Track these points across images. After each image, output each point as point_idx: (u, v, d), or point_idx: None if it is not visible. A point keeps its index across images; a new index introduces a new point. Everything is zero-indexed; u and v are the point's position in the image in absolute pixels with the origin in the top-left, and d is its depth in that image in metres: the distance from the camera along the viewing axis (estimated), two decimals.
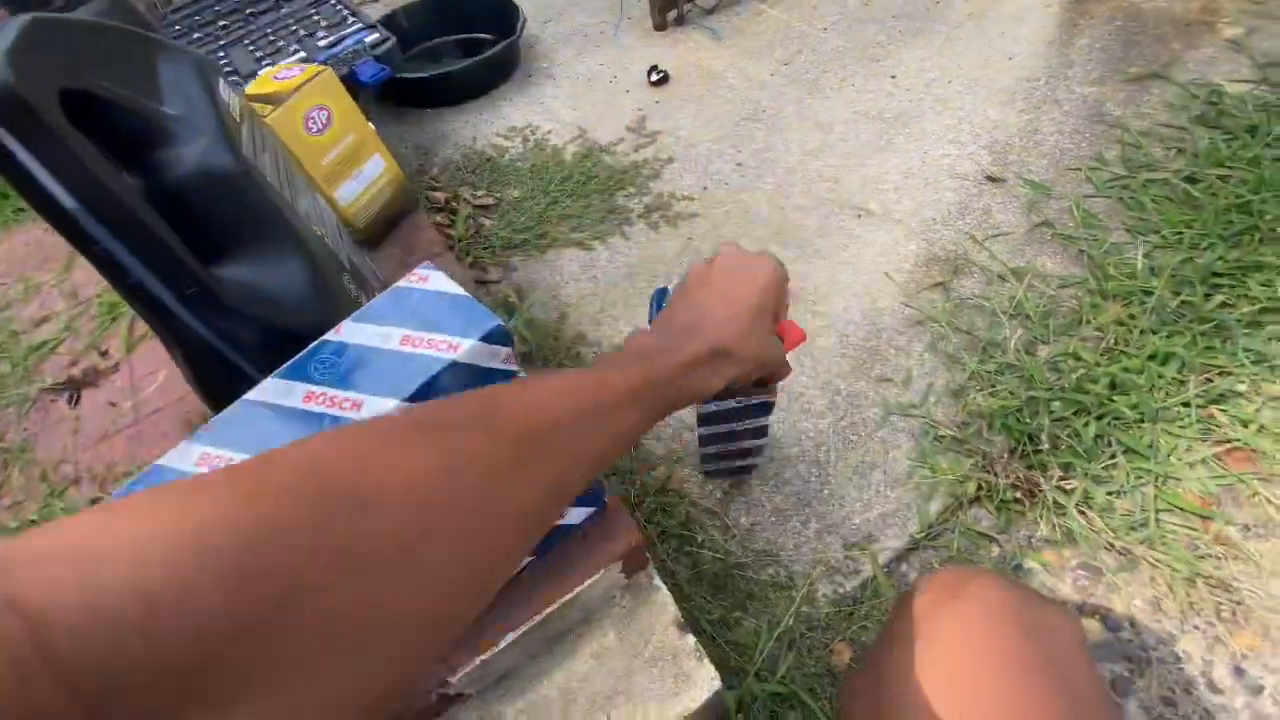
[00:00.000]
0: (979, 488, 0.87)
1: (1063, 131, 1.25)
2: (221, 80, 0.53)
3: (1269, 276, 0.99)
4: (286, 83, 0.72)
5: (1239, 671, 0.74)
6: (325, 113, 0.76)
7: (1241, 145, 1.13)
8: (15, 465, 1.16)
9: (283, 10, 1.30)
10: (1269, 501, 0.83)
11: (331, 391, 0.44)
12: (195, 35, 1.32)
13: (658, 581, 0.58)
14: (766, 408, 0.67)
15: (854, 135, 1.33)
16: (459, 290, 0.51)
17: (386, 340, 0.47)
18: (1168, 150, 1.18)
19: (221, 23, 1.33)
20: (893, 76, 1.42)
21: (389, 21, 1.64)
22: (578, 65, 1.64)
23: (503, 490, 0.23)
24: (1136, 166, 1.16)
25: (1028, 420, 0.90)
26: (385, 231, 1.00)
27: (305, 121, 0.74)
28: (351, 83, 1.09)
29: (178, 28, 1.37)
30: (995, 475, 0.87)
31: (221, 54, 1.22)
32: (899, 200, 1.20)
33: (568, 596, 0.53)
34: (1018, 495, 0.86)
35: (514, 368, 0.53)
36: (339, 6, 1.27)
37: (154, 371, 1.25)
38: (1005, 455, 0.88)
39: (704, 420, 0.70)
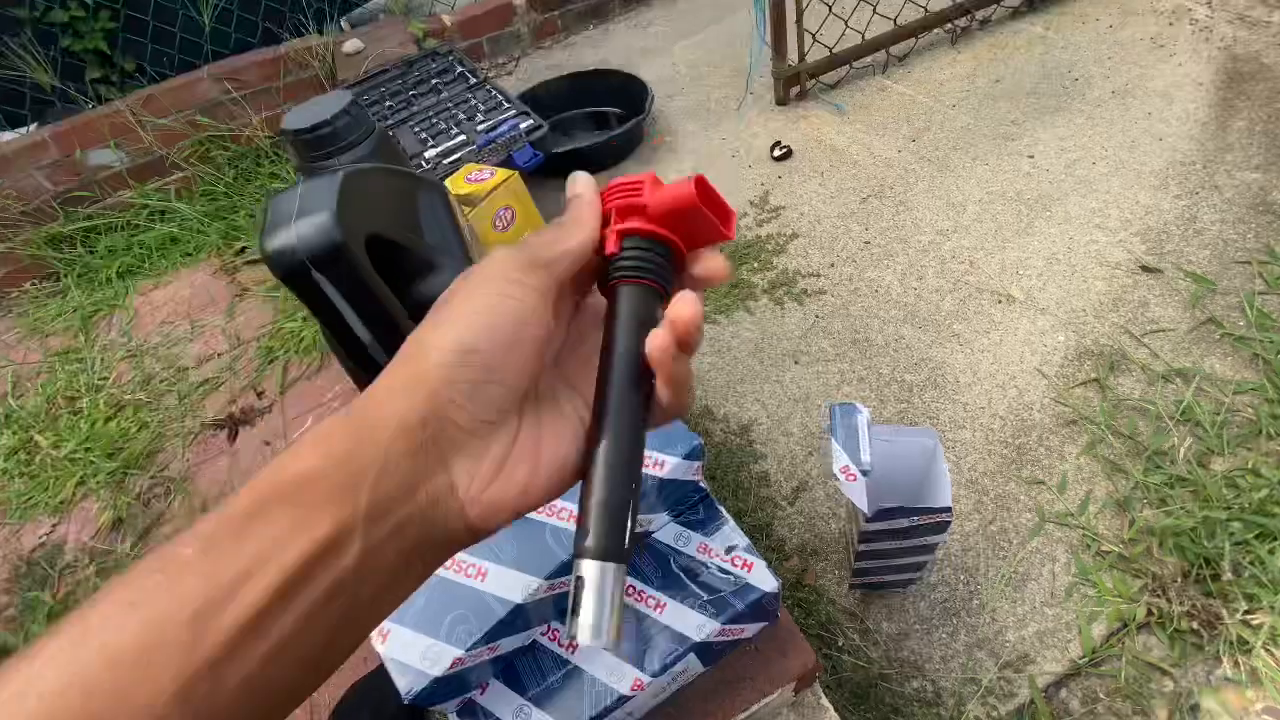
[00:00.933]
0: (1149, 613, 0.81)
1: (1225, 220, 1.18)
2: (456, 204, 0.59)
3: None
4: (480, 185, 0.80)
5: None
6: (510, 212, 0.83)
7: None
8: (178, 494, 1.28)
9: (443, 94, 1.43)
10: None
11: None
12: None
13: (825, 701, 0.57)
14: (941, 528, 0.66)
15: (990, 216, 1.30)
16: None
17: None
18: None
19: (388, 103, 1.47)
20: (1030, 156, 1.39)
21: (529, 97, 1.76)
22: (700, 139, 1.70)
23: None
24: None
25: (1204, 542, 0.83)
26: None
27: (494, 220, 0.81)
28: (510, 167, 1.17)
29: None
30: (1168, 600, 0.80)
31: (390, 135, 1.35)
32: (1043, 287, 1.16)
33: (743, 716, 0.53)
34: (1194, 625, 0.79)
35: (700, 480, 0.55)
36: (493, 92, 1.38)
37: (303, 415, 1.36)
38: (1179, 579, 0.82)
39: (865, 538, 0.69)
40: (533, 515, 0.47)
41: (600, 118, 1.80)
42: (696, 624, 0.48)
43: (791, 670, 0.52)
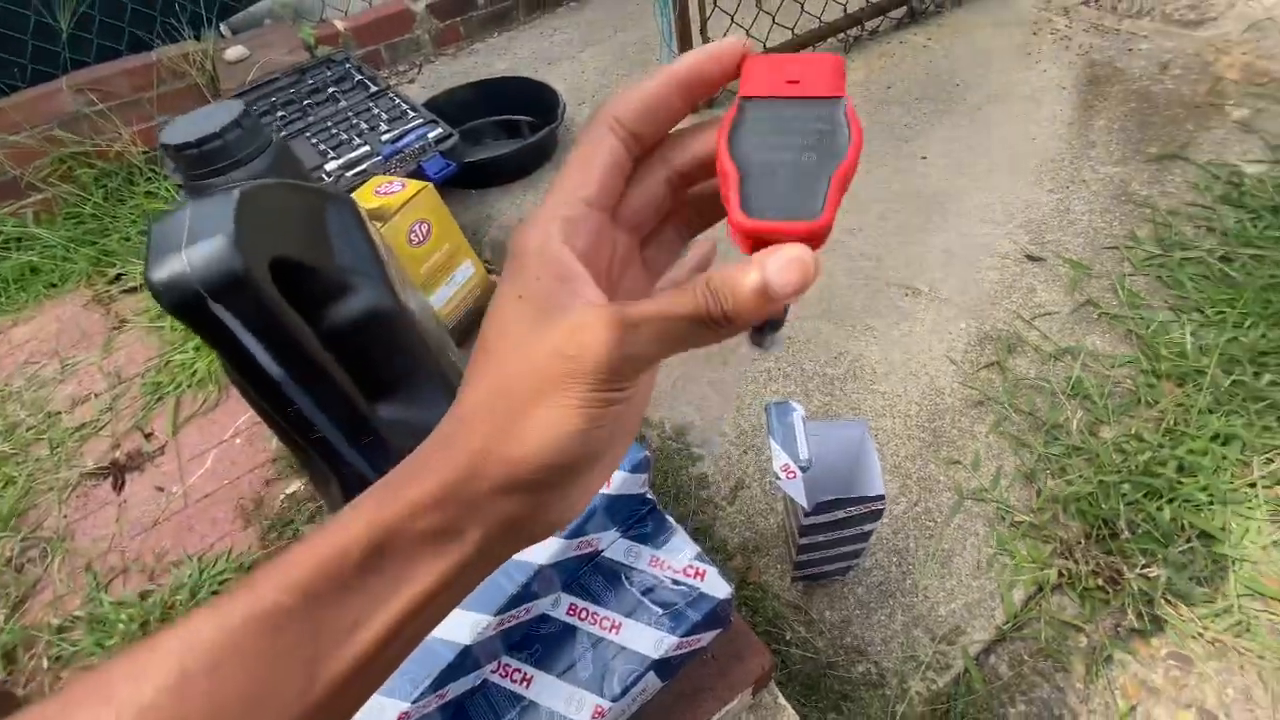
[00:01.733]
0: (1060, 575, 0.87)
1: (1094, 210, 1.31)
2: (368, 219, 0.55)
3: None
4: (390, 199, 0.75)
5: None
6: (425, 226, 0.79)
7: (1268, 226, 1.19)
8: (56, 556, 1.13)
9: (341, 103, 1.35)
10: None
11: None
12: None
13: (782, 700, 0.57)
14: (875, 515, 0.68)
15: (892, 214, 1.38)
16: None
17: None
18: (1197, 229, 1.23)
19: (280, 113, 1.37)
20: (923, 157, 1.49)
21: (433, 105, 1.70)
22: None
23: None
24: (1170, 245, 1.21)
25: (1101, 505, 0.91)
26: (469, 329, 1.02)
27: (409, 235, 0.77)
28: (419, 178, 1.12)
29: None
30: (1075, 562, 0.87)
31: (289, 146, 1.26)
32: (944, 279, 1.24)
33: None
34: (1100, 583, 0.86)
35: (648, 491, 0.54)
36: (396, 100, 1.33)
37: (202, 454, 1.24)
38: (1083, 541, 0.89)
39: (805, 532, 0.71)
40: None
41: (511, 126, 1.76)
42: (654, 641, 0.47)
43: (750, 674, 0.52)
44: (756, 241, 0.17)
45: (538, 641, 0.47)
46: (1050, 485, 0.94)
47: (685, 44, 1.62)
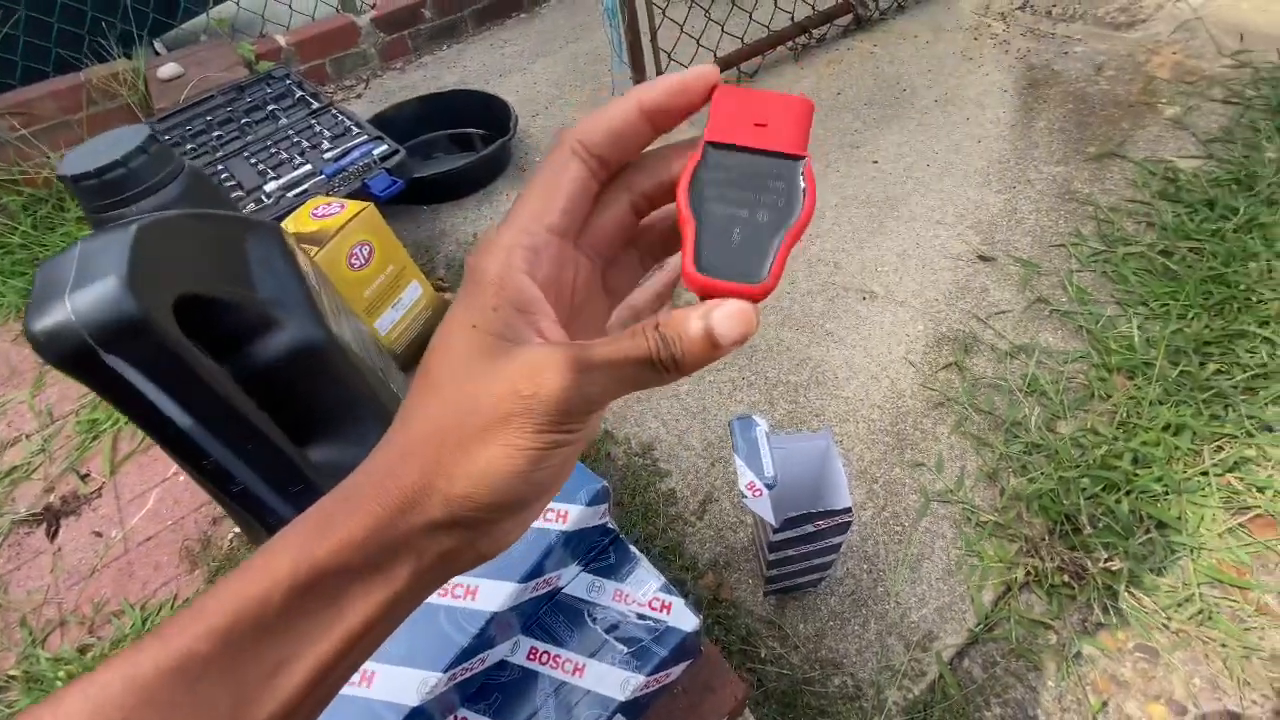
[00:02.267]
0: (1027, 573, 0.88)
1: (1040, 210, 1.34)
2: (296, 246, 0.52)
3: (1253, 344, 1.06)
4: (329, 221, 0.72)
5: None
6: (367, 248, 0.75)
7: (1204, 219, 1.23)
8: None
9: (281, 121, 1.30)
10: None
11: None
12: (188, 146, 1.31)
13: None
14: (843, 528, 0.67)
15: (846, 219, 1.39)
16: None
17: None
18: (1138, 224, 1.27)
19: (216, 133, 1.32)
20: (874, 161, 1.51)
21: (380, 120, 1.66)
22: None
23: None
24: (1113, 241, 1.24)
25: (1063, 501, 0.92)
26: (418, 353, 0.98)
27: (349, 258, 0.73)
28: (365, 196, 1.08)
29: (167, 138, 1.35)
30: (1041, 559, 0.88)
31: (220, 168, 1.21)
32: (900, 281, 1.25)
33: None
34: (1065, 579, 0.87)
35: (608, 521, 0.52)
36: (340, 117, 1.28)
37: (143, 494, 1.18)
38: (1047, 537, 0.90)
39: (775, 548, 0.69)
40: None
41: (462, 139, 1.73)
42: (620, 682, 0.45)
43: (722, 706, 0.50)
44: (705, 293, 0.18)
45: (496, 690, 0.44)
46: (1013, 483, 0.95)
47: (636, 54, 1.61)
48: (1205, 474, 0.93)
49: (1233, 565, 0.87)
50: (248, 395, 0.38)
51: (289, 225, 0.75)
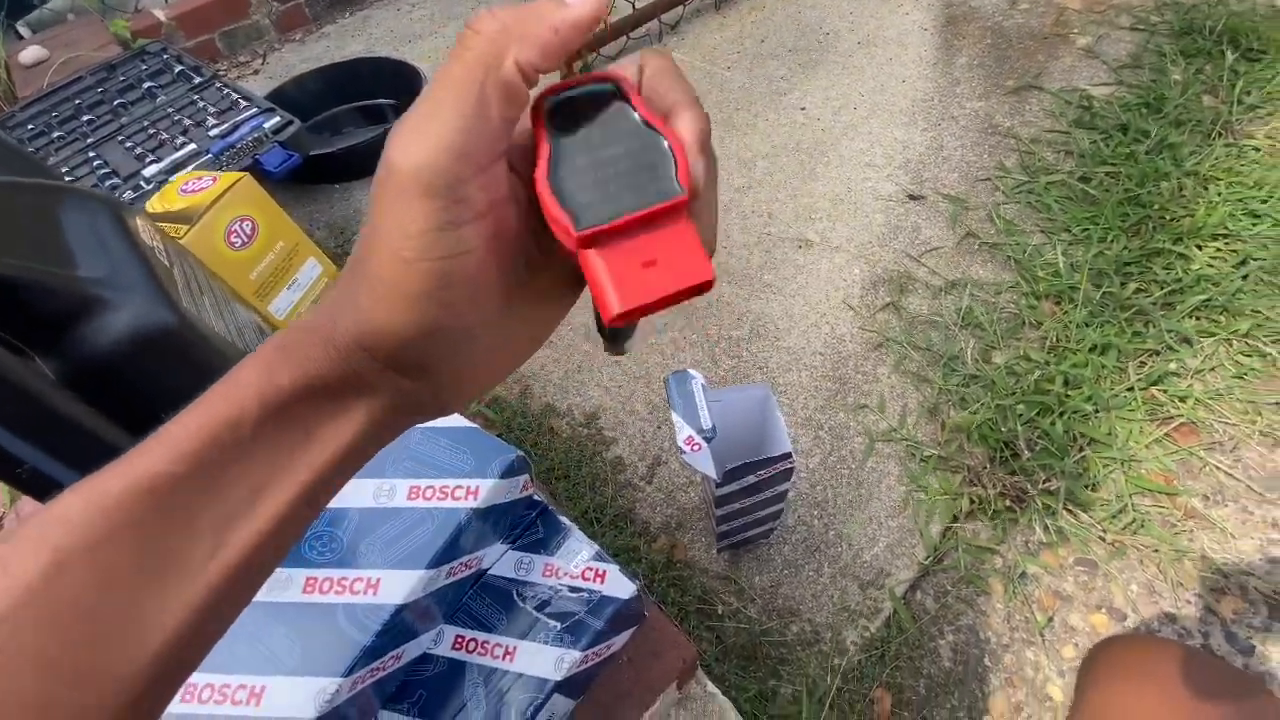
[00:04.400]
0: (971, 502, 0.89)
1: (964, 145, 1.34)
2: (140, 220, 0.45)
3: (1169, 260, 1.09)
4: (198, 196, 0.64)
5: (1231, 636, 0.79)
6: (249, 224, 0.68)
7: (1118, 144, 1.26)
8: None
9: (159, 99, 1.18)
10: (1217, 469, 0.90)
11: (338, 573, 0.38)
12: (55, 134, 1.17)
13: (711, 687, 0.54)
14: (787, 475, 0.66)
15: (778, 168, 1.37)
16: (460, 420, 0.46)
17: (390, 497, 0.41)
18: (1057, 153, 1.29)
19: (86, 118, 1.19)
20: (802, 108, 1.48)
21: (278, 96, 1.53)
22: None
23: None
24: (1035, 171, 1.26)
25: (1001, 428, 0.93)
26: None
27: (227, 237, 0.65)
28: (256, 173, 0.99)
29: (30, 127, 1.21)
30: (983, 487, 0.89)
31: (93, 154, 1.09)
32: (834, 227, 1.24)
33: None
34: (1008, 503, 0.89)
35: (532, 493, 0.48)
36: (225, 90, 1.17)
37: None
38: (988, 465, 0.91)
39: (720, 501, 0.67)
40: (320, 596, 0.37)
41: (373, 111, 1.62)
42: (554, 660, 0.42)
43: (670, 670, 0.48)
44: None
45: (420, 687, 0.41)
46: (953, 416, 0.96)
47: None
48: (1131, 389, 0.96)
49: (1161, 474, 0.90)
50: (74, 389, 0.33)
51: (155, 204, 0.67)
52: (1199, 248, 1.09)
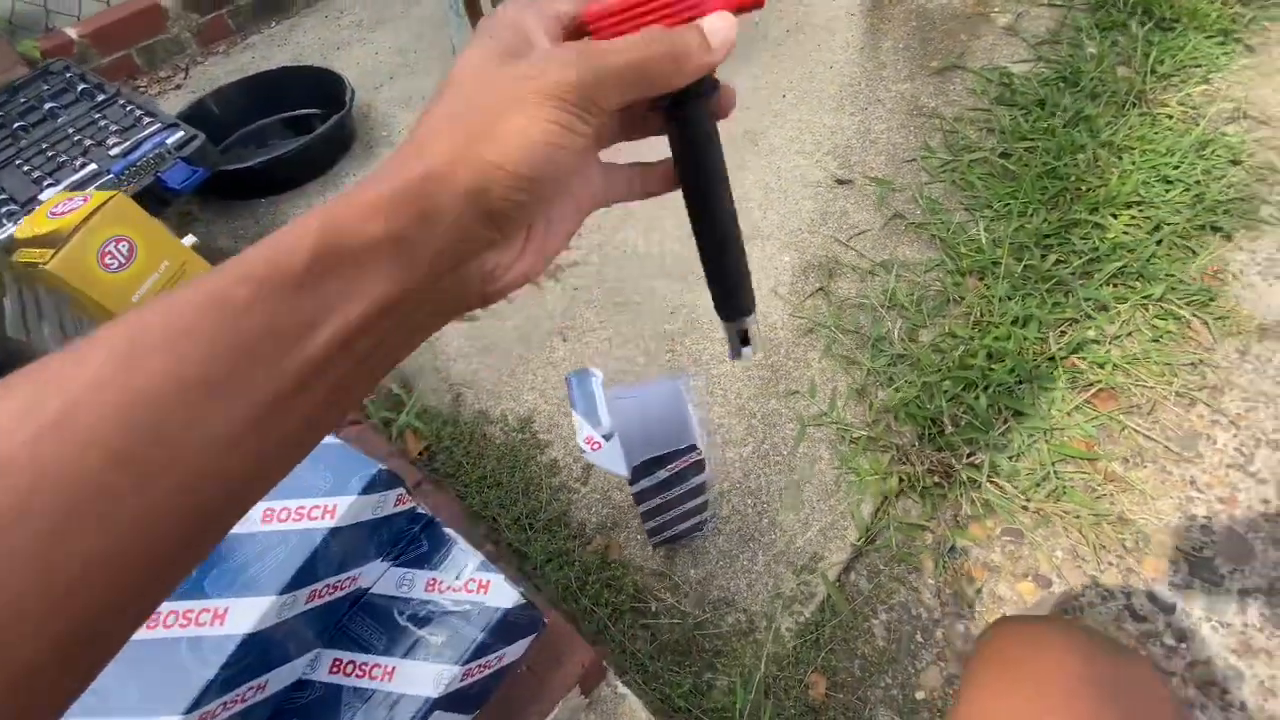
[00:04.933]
0: (901, 480, 0.90)
1: (891, 128, 1.35)
2: None
3: (1086, 230, 1.11)
4: (66, 218, 0.61)
5: (1153, 596, 0.81)
6: (125, 244, 0.65)
7: (1037, 118, 1.28)
8: None
9: (60, 119, 1.13)
10: (1135, 432, 0.92)
11: (183, 605, 0.37)
12: None
13: (621, 688, 0.54)
14: (699, 466, 0.65)
15: None
16: (327, 437, 0.44)
17: (244, 522, 0.40)
18: (980, 131, 1.31)
19: None
20: None
21: (198, 111, 1.49)
22: None
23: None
24: (959, 150, 1.28)
25: (927, 405, 0.94)
26: None
27: (101, 259, 0.62)
28: (162, 191, 0.96)
29: None
30: (912, 465, 0.90)
31: None
32: (765, 215, 1.24)
33: None
34: (935, 480, 0.90)
35: (411, 506, 0.47)
36: (129, 107, 1.13)
37: None
38: (916, 443, 0.92)
39: (638, 498, 0.67)
40: (163, 631, 0.36)
41: (300, 122, 1.58)
42: (433, 677, 0.41)
43: (568, 677, 0.48)
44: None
45: (295, 715, 0.39)
46: (881, 396, 0.97)
47: (474, 10, 1.51)
48: (1052, 359, 0.98)
49: (1082, 440, 0.92)
50: None
51: (24, 229, 0.64)
52: (1114, 216, 1.12)
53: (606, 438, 0.58)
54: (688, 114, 0.24)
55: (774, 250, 1.19)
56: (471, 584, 0.44)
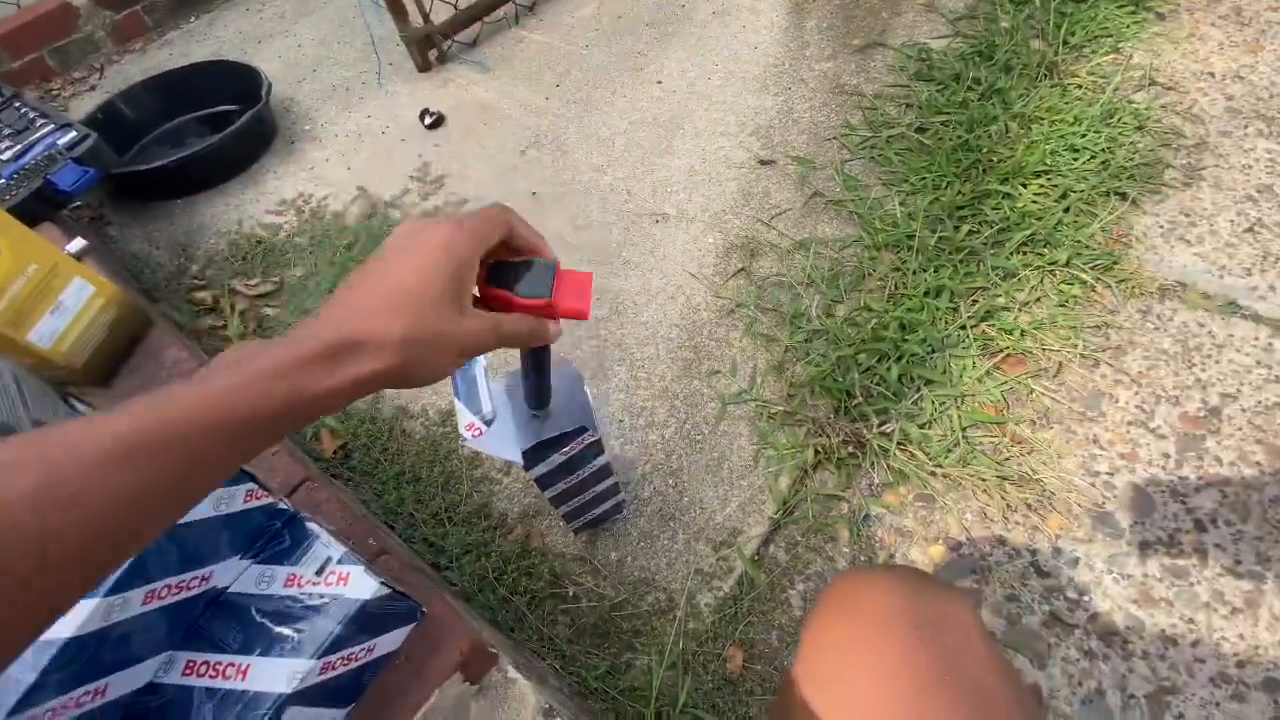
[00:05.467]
0: (817, 453, 0.92)
1: (813, 107, 1.36)
2: None
3: (997, 201, 1.14)
4: None
5: (1057, 551, 0.84)
6: None
7: (952, 93, 1.30)
8: None
9: None
10: (1042, 394, 0.95)
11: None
12: None
13: (513, 673, 0.54)
14: (595, 449, 0.65)
15: (636, 144, 1.36)
16: None
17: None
18: (899, 107, 1.33)
19: None
20: (659, 82, 1.48)
21: (107, 112, 1.43)
22: (343, 121, 1.53)
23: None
24: (878, 126, 1.29)
25: (842, 379, 0.96)
26: (115, 365, 0.84)
27: None
28: (52, 194, 0.92)
29: None
30: (827, 437, 0.92)
31: None
32: (689, 198, 1.25)
33: None
34: (850, 451, 0.92)
35: (269, 502, 0.46)
36: (23, 109, 1.09)
37: None
38: (831, 416, 0.94)
39: (542, 484, 0.67)
40: None
41: (219, 119, 1.53)
42: (287, 673, 0.41)
43: (446, 665, 0.48)
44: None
45: (146, 719, 0.39)
46: (798, 372, 0.98)
47: (395, 4, 1.47)
48: (964, 328, 1.00)
49: (991, 405, 0.95)
50: None
51: None
52: (1024, 186, 1.14)
53: (488, 423, 0.58)
54: (537, 350, 0.48)
55: (698, 232, 1.19)
56: (331, 577, 0.44)
